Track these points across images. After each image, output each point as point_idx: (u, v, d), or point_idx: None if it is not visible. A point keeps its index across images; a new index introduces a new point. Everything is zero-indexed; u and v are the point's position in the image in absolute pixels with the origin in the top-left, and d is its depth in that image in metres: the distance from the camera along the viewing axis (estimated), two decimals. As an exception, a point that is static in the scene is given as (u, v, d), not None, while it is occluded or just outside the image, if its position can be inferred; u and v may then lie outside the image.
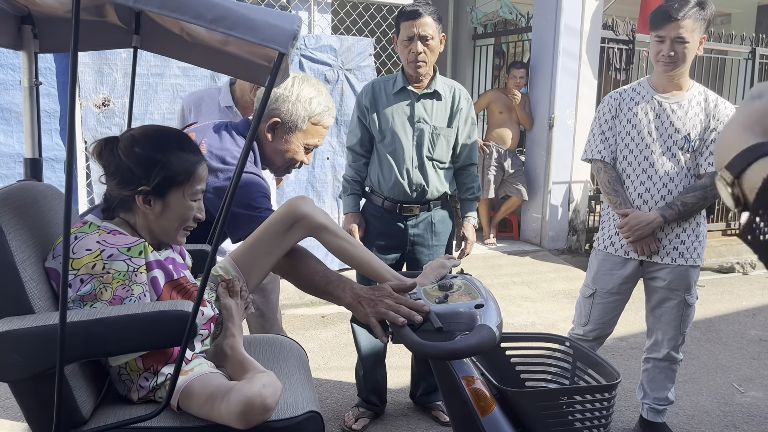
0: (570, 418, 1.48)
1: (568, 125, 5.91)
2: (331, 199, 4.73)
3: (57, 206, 1.52)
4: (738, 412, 3.01)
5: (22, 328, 1.19)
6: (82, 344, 1.21)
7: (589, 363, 1.64)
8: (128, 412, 1.36)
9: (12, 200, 1.33)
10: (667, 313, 2.50)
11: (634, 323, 3.99)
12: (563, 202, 6.02)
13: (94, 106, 3.87)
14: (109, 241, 1.36)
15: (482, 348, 1.28)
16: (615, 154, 2.50)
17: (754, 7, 10.18)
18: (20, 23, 1.58)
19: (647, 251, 2.42)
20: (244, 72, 1.79)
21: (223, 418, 1.27)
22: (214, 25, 1.10)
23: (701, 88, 2.46)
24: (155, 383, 1.38)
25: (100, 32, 1.70)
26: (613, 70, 6.10)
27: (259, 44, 1.14)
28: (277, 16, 1.16)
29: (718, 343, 3.95)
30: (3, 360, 1.20)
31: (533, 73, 6.02)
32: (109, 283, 1.32)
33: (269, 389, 1.28)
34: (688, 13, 2.27)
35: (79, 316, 1.22)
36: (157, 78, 3.94)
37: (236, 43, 1.52)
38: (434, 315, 1.42)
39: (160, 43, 1.72)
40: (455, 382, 1.48)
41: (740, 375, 3.45)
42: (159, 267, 1.42)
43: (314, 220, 1.62)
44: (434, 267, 1.73)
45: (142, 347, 1.33)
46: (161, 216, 1.44)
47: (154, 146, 1.42)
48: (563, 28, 5.72)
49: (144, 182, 1.40)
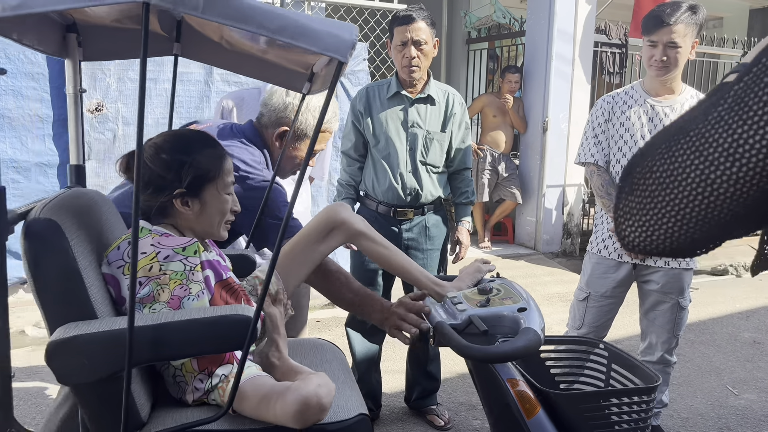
0: (612, 420, 1.49)
1: (561, 129, 5.93)
2: (325, 203, 4.73)
3: (107, 212, 1.56)
4: (732, 415, 3.02)
5: (90, 333, 1.22)
6: (149, 348, 1.24)
7: (625, 365, 1.67)
8: (184, 415, 1.39)
9: (69, 207, 1.36)
10: (660, 316, 2.51)
11: (628, 326, 4.00)
12: (557, 205, 6.03)
13: (87, 111, 3.85)
14: (163, 243, 1.40)
15: (529, 351, 1.31)
16: (608, 158, 2.51)
17: (746, 10, 10.25)
18: (65, 31, 1.60)
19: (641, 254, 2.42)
20: (281, 79, 1.86)
21: (279, 417, 1.30)
22: (278, 34, 1.15)
23: (693, 92, 2.47)
24: (210, 385, 1.40)
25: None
26: (607, 73, 6.13)
27: (320, 53, 1.19)
28: (337, 26, 1.21)
29: (712, 345, 3.96)
30: (71, 363, 1.22)
31: (527, 77, 6.03)
32: (166, 284, 1.36)
33: (324, 389, 1.31)
34: (680, 17, 2.28)
35: (145, 321, 1.25)
36: (150, 83, 3.93)
37: (275, 52, 1.58)
38: (478, 318, 1.43)
39: (200, 51, 1.76)
40: (499, 384, 1.49)
41: (734, 377, 3.46)
42: (210, 267, 1.46)
43: (353, 226, 1.67)
44: (470, 272, 1.77)
45: (205, 351, 1.35)
46: (201, 214, 1.49)
47: (178, 149, 1.47)
48: (556, 33, 5.74)
49: (177, 185, 1.45)
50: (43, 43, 1.55)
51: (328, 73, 1.68)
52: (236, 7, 1.12)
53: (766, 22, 10.01)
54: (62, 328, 1.24)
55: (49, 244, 1.26)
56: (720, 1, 9.35)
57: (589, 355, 1.75)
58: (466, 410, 2.98)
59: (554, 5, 5.71)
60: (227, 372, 1.40)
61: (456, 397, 3.11)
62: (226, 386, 1.39)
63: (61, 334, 1.22)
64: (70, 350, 1.21)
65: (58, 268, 1.27)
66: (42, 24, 1.49)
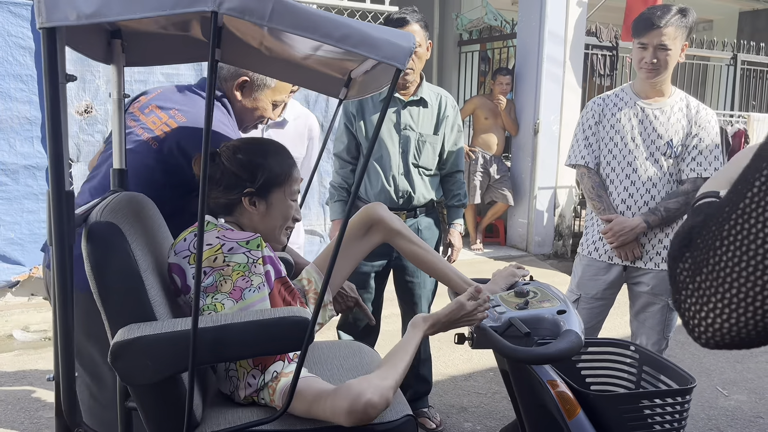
0: (649, 421, 1.51)
1: (553, 131, 5.95)
2: (317, 206, 4.72)
3: (154, 214, 1.60)
4: (722, 416, 3.03)
5: (153, 334, 1.25)
6: (210, 349, 1.27)
7: (657, 367, 1.68)
8: (237, 415, 1.42)
9: (125, 210, 1.39)
10: (650, 318, 2.52)
11: (619, 328, 4.01)
12: (549, 207, 6.05)
13: (76, 113, 3.83)
14: (228, 236, 1.45)
15: (573, 352, 1.33)
16: (598, 160, 2.52)
17: (735, 13, 10.33)
18: (110, 37, 1.62)
19: (631, 256, 2.43)
20: (318, 84, 1.92)
21: (328, 414, 1.34)
22: (341, 43, 1.19)
23: (683, 95, 2.49)
24: (263, 381, 1.43)
25: (184, 46, 1.76)
26: (597, 76, 6.16)
27: (380, 61, 1.23)
28: (395, 34, 1.26)
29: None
30: (134, 364, 1.24)
31: (518, 79, 6.05)
32: (229, 275, 1.40)
33: (376, 389, 1.35)
34: (670, 20, 2.29)
35: (206, 323, 1.27)
36: (140, 84, 3.92)
37: (314, 58, 1.63)
38: (519, 321, 1.44)
39: (239, 56, 1.79)
40: (537, 385, 1.51)
41: (724, 378, 3.48)
42: (270, 263, 1.51)
43: (390, 224, 1.74)
44: (504, 275, 1.80)
45: (263, 352, 1.38)
46: (266, 215, 1.56)
47: (254, 152, 1.55)
48: (548, 35, 5.76)
49: (249, 185, 1.52)
50: (91, 49, 1.57)
51: (367, 79, 1.75)
52: (303, 17, 1.16)
53: (756, 24, 10.09)
54: (125, 329, 1.26)
55: (111, 248, 1.30)
56: (710, 4, 9.42)
57: (620, 357, 1.77)
58: (458, 412, 2.98)
59: (545, 8, 5.73)
60: (279, 369, 1.44)
61: (448, 399, 3.11)
62: (276, 386, 1.42)
63: (125, 335, 1.24)
64: (135, 351, 1.23)
65: (121, 271, 1.30)
66: (89, 30, 1.51)
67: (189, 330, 1.21)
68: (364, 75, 1.74)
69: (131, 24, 1.56)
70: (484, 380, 3.34)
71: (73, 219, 1.20)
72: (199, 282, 1.21)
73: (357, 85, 1.83)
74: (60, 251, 1.18)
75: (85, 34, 1.50)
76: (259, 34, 1.53)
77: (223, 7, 1.09)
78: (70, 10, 1.10)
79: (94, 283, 1.29)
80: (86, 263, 1.28)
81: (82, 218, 1.33)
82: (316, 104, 4.51)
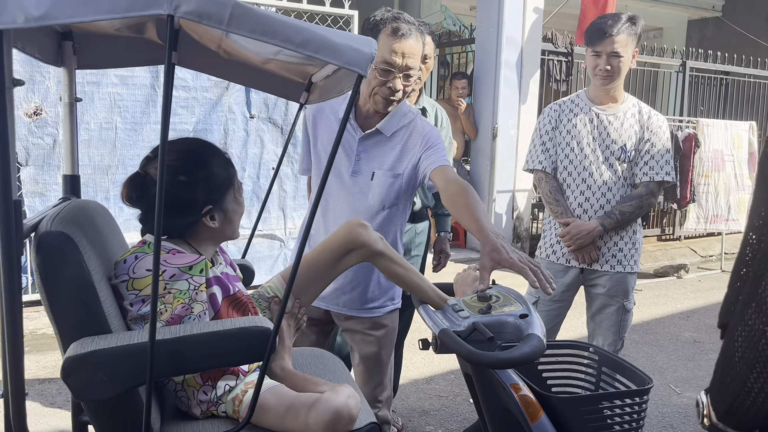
0: (609, 422, 1.53)
1: (511, 135, 6.03)
2: (277, 209, 4.67)
3: (108, 223, 1.54)
4: (675, 413, 3.12)
5: (108, 347, 1.20)
6: (168, 362, 1.23)
7: (615, 368, 1.70)
8: (197, 428, 1.39)
9: (77, 219, 1.33)
10: (607, 319, 2.57)
11: (576, 329, 4.09)
12: (507, 210, 6.13)
13: (25, 115, 3.70)
14: (169, 261, 1.38)
15: (536, 356, 1.33)
16: (555, 165, 2.56)
17: (684, 21, 10.68)
18: (61, 39, 1.57)
19: (588, 259, 2.48)
20: (278, 88, 1.89)
21: (302, 426, 1.33)
22: (301, 48, 1.17)
23: (635, 101, 2.55)
24: (215, 396, 1.39)
25: (138, 49, 1.72)
26: (554, 81, 6.28)
27: (342, 67, 1.22)
28: (357, 40, 1.24)
29: (655, 345, 4.09)
30: (88, 379, 1.20)
31: (477, 84, 6.12)
32: (169, 303, 1.36)
33: (353, 400, 1.36)
34: (621, 28, 2.36)
35: (164, 334, 1.23)
36: (93, 86, 3.81)
37: (274, 62, 1.60)
38: (482, 326, 1.44)
39: (197, 60, 1.75)
40: (499, 390, 1.51)
41: (677, 376, 3.58)
42: (217, 283, 1.46)
43: (372, 248, 1.67)
44: (468, 281, 1.79)
45: (224, 363, 1.35)
46: (225, 222, 1.51)
47: (195, 167, 1.46)
48: (505, 40, 5.85)
49: (203, 204, 1.45)
50: (41, 51, 1.52)
51: (328, 83, 1.73)
52: (263, 21, 1.13)
53: (704, 32, 10.46)
54: (78, 343, 1.21)
55: (63, 258, 1.24)
56: (660, 13, 9.72)
57: (580, 359, 1.80)
58: (419, 416, 2.98)
59: (503, 14, 5.81)
60: (232, 384, 1.41)
61: (409, 403, 3.11)
62: (242, 398, 1.38)
63: (78, 349, 1.19)
64: (88, 366, 1.18)
65: (73, 282, 1.24)
66: (39, 31, 1.46)
67: (146, 342, 1.17)
68: (325, 79, 1.73)
69: (83, 26, 1.52)
70: (446, 383, 3.36)
71: (21, 229, 1.15)
72: (156, 290, 1.17)
73: (318, 89, 1.82)
74: (8, 263, 1.13)
75: (34, 36, 1.45)
76: (217, 38, 1.51)
77: (179, 11, 1.06)
78: (18, 12, 1.05)
79: (44, 296, 1.24)
80: (35, 274, 1.23)
81: (31, 228, 1.27)
82: (275, 107, 4.48)
